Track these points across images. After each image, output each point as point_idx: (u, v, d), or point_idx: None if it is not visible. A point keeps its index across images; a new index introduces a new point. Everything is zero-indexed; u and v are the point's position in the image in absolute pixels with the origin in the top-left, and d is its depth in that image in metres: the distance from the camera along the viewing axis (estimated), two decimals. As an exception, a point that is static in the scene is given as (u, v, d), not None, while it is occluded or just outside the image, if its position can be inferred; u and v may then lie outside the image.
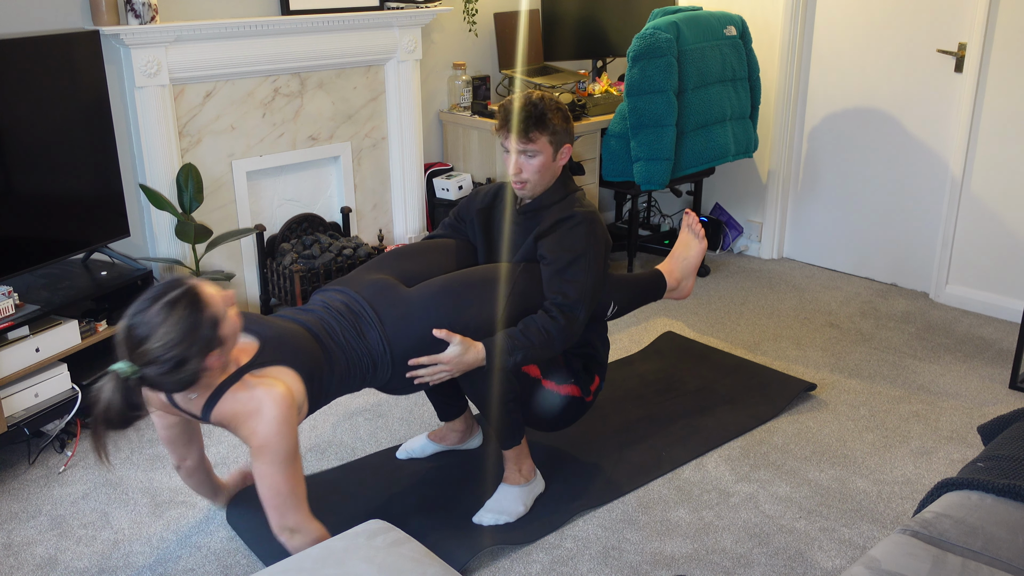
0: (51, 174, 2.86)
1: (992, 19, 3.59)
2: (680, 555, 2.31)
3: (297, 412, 1.95)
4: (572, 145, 2.45)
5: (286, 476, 1.92)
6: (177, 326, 1.78)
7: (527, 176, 2.40)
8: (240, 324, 1.94)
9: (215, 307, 1.84)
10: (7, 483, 2.64)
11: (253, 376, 1.94)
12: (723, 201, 4.73)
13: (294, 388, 1.96)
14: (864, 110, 4.11)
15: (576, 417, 2.61)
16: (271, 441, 1.89)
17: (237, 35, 3.32)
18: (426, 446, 2.75)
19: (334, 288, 2.30)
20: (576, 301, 2.34)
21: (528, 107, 2.36)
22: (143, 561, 2.30)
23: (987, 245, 3.81)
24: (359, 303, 2.22)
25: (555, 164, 2.43)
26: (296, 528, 1.96)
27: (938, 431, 2.91)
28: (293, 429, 1.92)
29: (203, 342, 1.81)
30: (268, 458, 1.91)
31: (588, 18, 4.36)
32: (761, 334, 3.66)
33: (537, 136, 2.36)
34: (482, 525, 2.40)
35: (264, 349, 2.00)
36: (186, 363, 1.81)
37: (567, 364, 2.52)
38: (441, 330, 2.20)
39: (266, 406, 1.89)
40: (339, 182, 3.89)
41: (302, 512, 1.97)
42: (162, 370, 1.80)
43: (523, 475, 2.48)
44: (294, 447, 1.93)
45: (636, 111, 3.68)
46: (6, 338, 2.63)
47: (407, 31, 3.82)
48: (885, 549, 1.69)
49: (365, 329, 2.18)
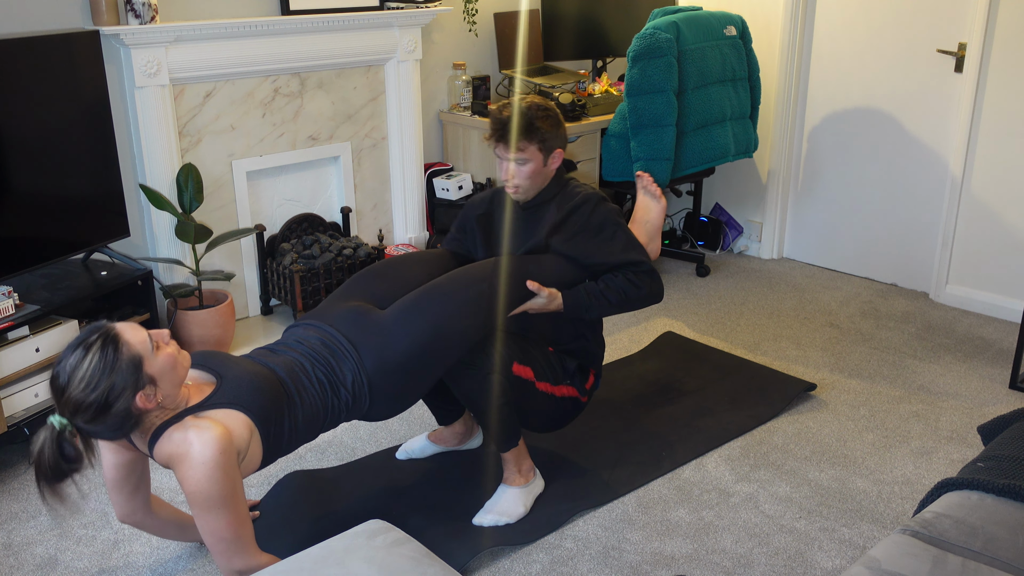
0: (51, 174, 2.86)
1: (992, 19, 3.59)
2: (680, 555, 2.31)
3: (235, 456, 1.87)
4: (564, 149, 2.51)
5: (225, 521, 1.86)
6: (92, 369, 1.76)
7: (519, 182, 2.47)
8: (175, 362, 1.87)
9: (135, 347, 1.80)
10: (7, 483, 2.64)
11: (194, 418, 1.88)
12: (723, 201, 4.73)
13: (236, 432, 1.89)
14: (864, 110, 4.11)
15: (571, 417, 2.61)
16: (202, 487, 1.82)
17: (237, 35, 3.32)
18: (426, 447, 2.75)
19: (306, 322, 2.24)
20: (643, 261, 2.49)
21: (522, 117, 2.41)
22: (143, 561, 2.30)
23: (987, 245, 3.81)
24: (333, 336, 2.16)
25: (547, 169, 2.49)
26: (243, 570, 1.91)
27: (938, 431, 2.91)
28: (227, 473, 1.84)
29: (124, 383, 1.77)
30: (202, 505, 1.84)
31: (588, 18, 4.36)
32: (761, 334, 3.66)
33: (526, 145, 2.42)
34: (482, 526, 2.40)
35: (219, 390, 1.95)
36: (110, 406, 1.77)
37: (562, 365, 2.52)
38: (533, 282, 2.37)
39: (195, 450, 1.82)
40: (339, 182, 3.89)
41: (247, 553, 1.91)
42: (88, 416, 1.77)
43: (523, 476, 2.48)
44: (230, 491, 1.85)
45: (636, 111, 3.68)
46: (6, 338, 2.63)
47: (407, 31, 3.82)
48: (885, 549, 1.69)
49: (341, 363, 2.12)
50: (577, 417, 2.68)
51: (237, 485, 1.88)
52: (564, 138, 2.50)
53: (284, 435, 2.01)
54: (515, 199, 2.54)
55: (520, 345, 2.44)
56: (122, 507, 2.11)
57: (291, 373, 2.06)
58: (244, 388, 1.96)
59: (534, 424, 2.54)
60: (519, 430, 2.44)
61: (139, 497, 2.12)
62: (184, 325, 3.22)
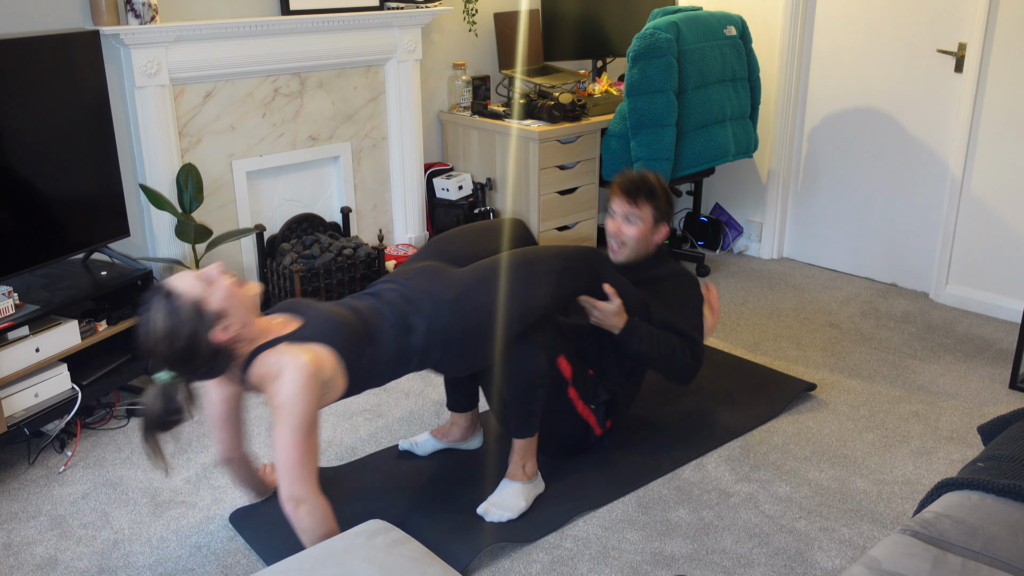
0: (51, 174, 2.86)
1: (992, 19, 3.59)
2: (680, 555, 2.31)
3: (321, 385, 1.99)
4: (669, 227, 2.80)
5: (297, 443, 1.95)
6: (163, 323, 1.90)
7: (625, 238, 2.74)
8: (232, 292, 1.98)
9: (189, 291, 1.93)
10: (7, 483, 2.64)
11: (287, 344, 2.02)
12: (723, 201, 4.73)
13: (324, 362, 2.01)
14: (864, 110, 4.11)
15: (580, 445, 2.68)
16: (287, 404, 1.94)
17: (237, 35, 3.32)
18: (427, 442, 2.75)
19: (384, 280, 2.36)
20: (700, 343, 2.71)
21: (641, 178, 2.75)
22: (143, 561, 2.30)
23: (987, 245, 3.81)
24: (410, 288, 2.26)
25: (651, 238, 2.76)
26: (302, 499, 1.97)
27: (938, 431, 2.91)
28: (311, 398, 1.96)
29: (194, 324, 1.91)
30: (282, 420, 1.95)
31: (588, 18, 4.36)
32: (761, 334, 3.66)
33: (643, 205, 2.72)
34: (484, 518, 2.41)
35: (305, 327, 2.08)
36: (194, 349, 1.92)
37: (594, 389, 2.62)
38: (612, 288, 2.51)
39: (287, 370, 1.95)
40: (339, 182, 3.89)
41: (310, 485, 1.98)
42: (182, 364, 1.92)
43: (526, 473, 2.48)
44: (310, 417, 1.97)
45: (636, 111, 3.68)
46: (6, 338, 2.63)
47: (407, 31, 3.82)
48: (885, 549, 1.69)
49: (416, 312, 2.21)
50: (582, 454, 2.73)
51: (316, 414, 1.99)
52: (671, 217, 2.81)
53: (364, 369, 2.12)
54: (615, 259, 2.78)
55: (571, 345, 2.55)
56: (227, 443, 2.29)
57: (369, 315, 2.18)
58: (327, 325, 2.08)
59: (545, 431, 2.58)
60: (538, 422, 2.45)
61: (242, 433, 2.31)
62: (184, 325, 3.22)
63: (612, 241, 2.77)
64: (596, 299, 2.53)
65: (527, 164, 3.91)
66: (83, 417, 2.94)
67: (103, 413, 3.00)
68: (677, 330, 2.67)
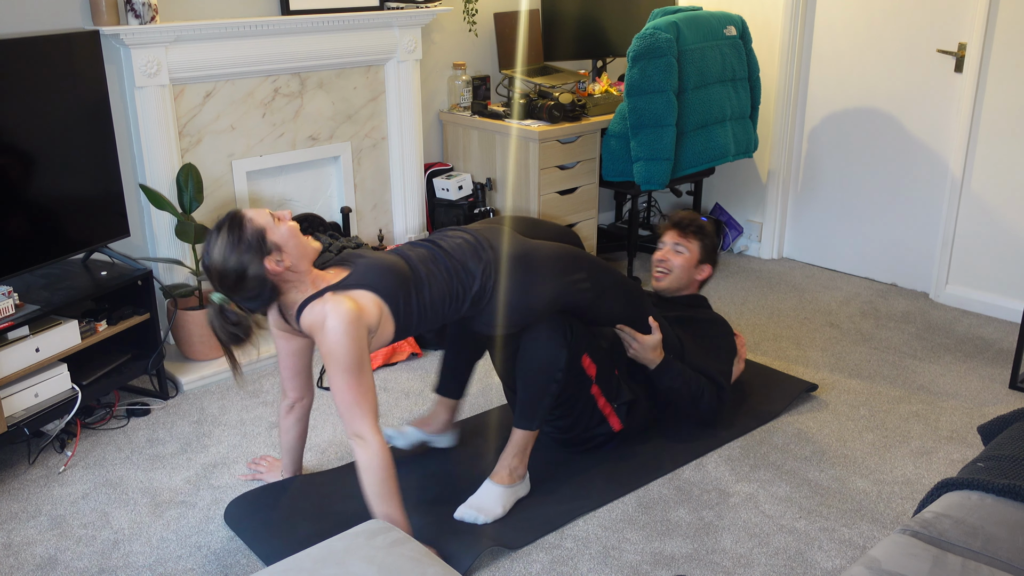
0: (51, 174, 2.86)
1: (992, 19, 3.59)
2: (680, 555, 2.31)
3: (365, 329, 2.11)
4: (713, 271, 3.02)
5: (349, 385, 2.09)
6: (225, 242, 2.08)
7: (671, 267, 2.97)
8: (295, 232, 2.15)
9: (258, 220, 2.11)
10: (7, 483, 2.64)
11: (332, 294, 2.15)
12: (723, 201, 4.73)
13: (367, 308, 2.13)
14: (864, 110, 4.11)
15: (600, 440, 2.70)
16: (333, 351, 2.08)
17: (237, 35, 3.32)
18: (410, 432, 2.74)
19: (448, 228, 2.48)
20: (727, 389, 2.84)
21: (695, 217, 3.01)
22: (143, 561, 2.30)
23: (987, 245, 3.81)
24: (475, 238, 2.38)
25: (694, 271, 2.98)
26: (361, 435, 2.12)
27: (938, 431, 2.91)
28: (355, 343, 2.08)
29: (253, 250, 2.08)
30: (332, 366, 2.09)
31: (588, 18, 4.36)
32: (761, 334, 3.66)
33: (692, 238, 2.96)
34: (463, 520, 2.41)
35: (352, 274, 2.21)
36: (245, 271, 2.08)
37: (618, 389, 2.66)
38: (656, 322, 2.68)
39: (330, 319, 2.08)
40: (339, 182, 3.89)
41: (367, 422, 2.12)
42: (231, 283, 2.09)
43: (511, 476, 2.47)
44: (357, 360, 2.09)
45: (636, 111, 3.68)
46: (6, 338, 2.63)
47: (407, 31, 3.82)
48: (885, 549, 1.69)
49: (478, 258, 2.32)
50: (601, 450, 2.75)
51: (364, 356, 2.11)
52: (716, 261, 3.03)
53: (413, 312, 2.24)
54: (656, 286, 3.01)
55: (598, 344, 2.59)
56: (298, 390, 2.44)
57: (421, 260, 2.30)
58: (373, 271, 2.21)
59: (564, 426, 2.61)
60: (543, 418, 2.46)
61: (311, 389, 2.48)
62: (184, 325, 3.23)
63: (658, 269, 2.99)
64: (636, 331, 2.65)
65: (527, 164, 3.91)
66: (83, 417, 2.94)
67: (103, 413, 3.00)
68: (707, 373, 2.79)
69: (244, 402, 3.12)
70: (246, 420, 3.00)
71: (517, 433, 2.46)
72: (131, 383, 3.15)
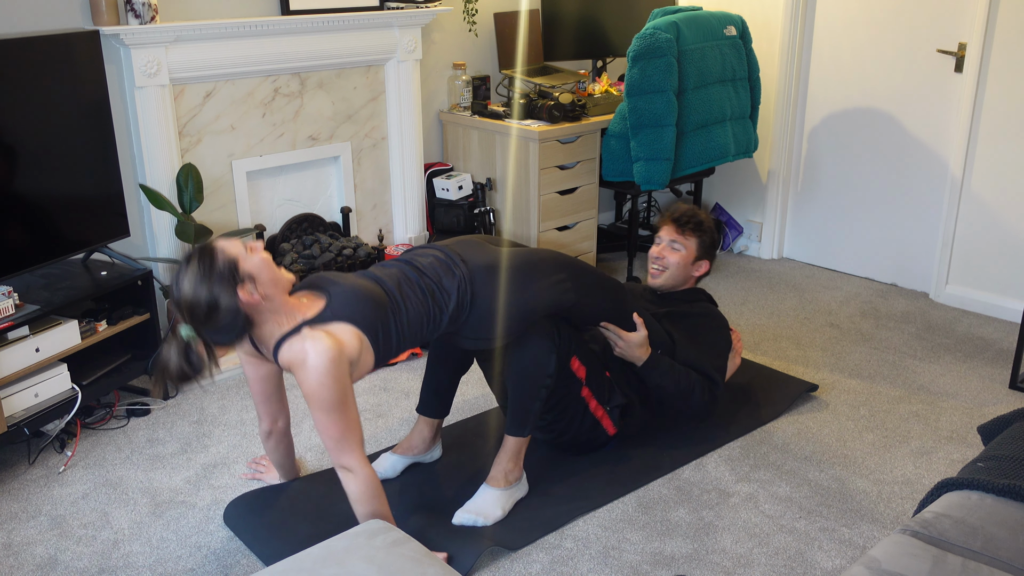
0: (51, 174, 2.86)
1: (992, 19, 3.59)
2: (680, 555, 2.31)
3: (346, 365, 2.06)
4: (710, 267, 2.96)
5: (334, 422, 2.06)
6: (196, 273, 1.99)
7: (667, 264, 2.91)
8: (269, 263, 2.07)
9: (230, 250, 2.03)
10: (7, 483, 2.64)
11: (310, 328, 2.07)
12: (723, 201, 4.73)
13: (347, 342, 2.07)
14: (864, 110, 4.11)
15: (595, 442, 2.69)
16: (315, 390, 2.03)
17: (237, 35, 3.32)
18: (396, 462, 2.66)
19: (419, 246, 2.45)
20: (720, 384, 2.77)
21: (693, 212, 2.93)
22: (143, 561, 2.30)
23: (987, 245, 3.81)
24: (447, 255, 2.35)
25: (691, 267, 2.94)
26: (348, 467, 2.09)
27: (938, 431, 2.91)
28: (337, 381, 2.03)
29: (225, 280, 1.99)
30: (315, 405, 2.05)
31: (588, 18, 4.36)
32: (761, 334, 3.66)
33: (690, 236, 2.90)
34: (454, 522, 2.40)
35: (329, 305, 2.13)
36: (218, 303, 1.99)
37: (610, 391, 2.64)
38: (640, 319, 2.63)
39: (310, 358, 2.02)
40: (339, 182, 3.89)
41: (355, 454, 2.09)
42: (202, 316, 1.99)
43: (507, 479, 2.47)
44: (340, 397, 2.04)
45: (636, 111, 3.68)
46: (6, 338, 2.63)
47: (407, 31, 3.82)
48: (885, 549, 1.69)
49: (451, 274, 2.28)
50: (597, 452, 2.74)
51: (347, 392, 2.07)
52: (714, 256, 2.98)
53: (392, 339, 2.19)
54: (653, 283, 2.96)
55: (587, 347, 2.58)
56: (272, 415, 2.40)
57: (396, 283, 2.24)
58: (350, 301, 2.14)
59: (557, 429, 2.59)
60: (533, 425, 2.44)
61: (284, 408, 2.42)
62: (184, 325, 3.22)
63: (653, 265, 2.95)
64: (621, 329, 2.62)
65: (527, 164, 3.91)
66: (83, 417, 2.94)
67: (103, 413, 3.00)
68: (699, 369, 2.75)
69: (244, 402, 3.12)
70: (246, 420, 3.00)
71: (509, 440, 2.46)
72: (131, 383, 3.15)
